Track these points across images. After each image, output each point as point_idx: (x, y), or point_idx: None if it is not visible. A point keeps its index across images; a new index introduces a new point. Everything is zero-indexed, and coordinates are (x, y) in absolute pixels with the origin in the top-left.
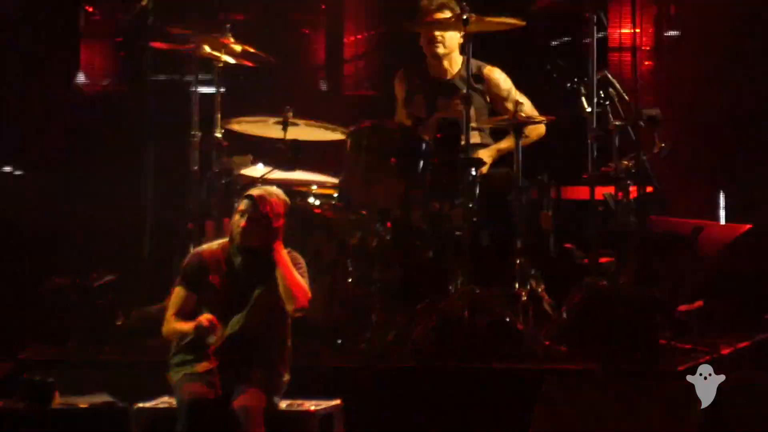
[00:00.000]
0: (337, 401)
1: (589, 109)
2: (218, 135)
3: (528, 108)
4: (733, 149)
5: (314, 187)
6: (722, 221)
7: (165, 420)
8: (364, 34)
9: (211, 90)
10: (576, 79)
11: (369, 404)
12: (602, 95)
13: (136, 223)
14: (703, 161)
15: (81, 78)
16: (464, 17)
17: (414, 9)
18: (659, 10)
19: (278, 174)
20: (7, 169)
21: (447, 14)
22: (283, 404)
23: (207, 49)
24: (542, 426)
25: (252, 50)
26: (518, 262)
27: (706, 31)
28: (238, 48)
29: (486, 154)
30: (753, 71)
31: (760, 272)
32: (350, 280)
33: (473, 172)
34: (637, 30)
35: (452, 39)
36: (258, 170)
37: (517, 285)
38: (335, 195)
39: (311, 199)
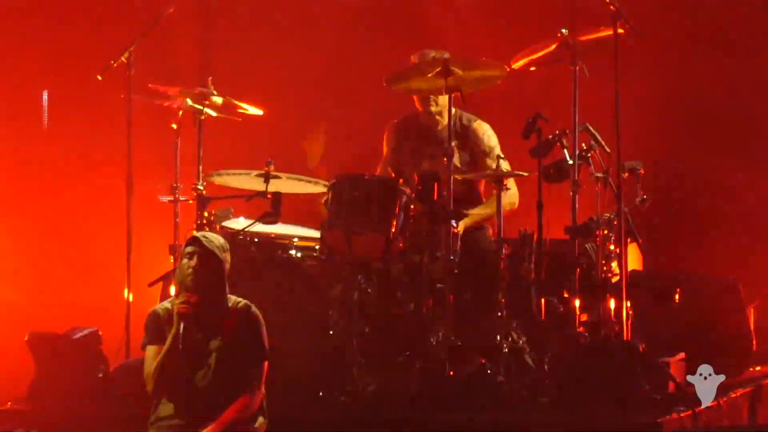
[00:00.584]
0: None
1: (570, 161)
2: (200, 187)
3: (512, 182)
4: (713, 199)
5: (296, 239)
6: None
7: None
8: None
9: None
10: (558, 131)
11: None
12: (584, 146)
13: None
14: (684, 212)
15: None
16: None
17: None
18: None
19: (260, 227)
20: None
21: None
22: None
23: (189, 102)
24: None
25: (235, 103)
26: (499, 314)
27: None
28: (220, 101)
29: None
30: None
31: (741, 324)
32: (331, 332)
33: (454, 224)
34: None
35: (444, 96)
36: (239, 223)
37: (498, 337)
38: (317, 247)
39: (293, 252)
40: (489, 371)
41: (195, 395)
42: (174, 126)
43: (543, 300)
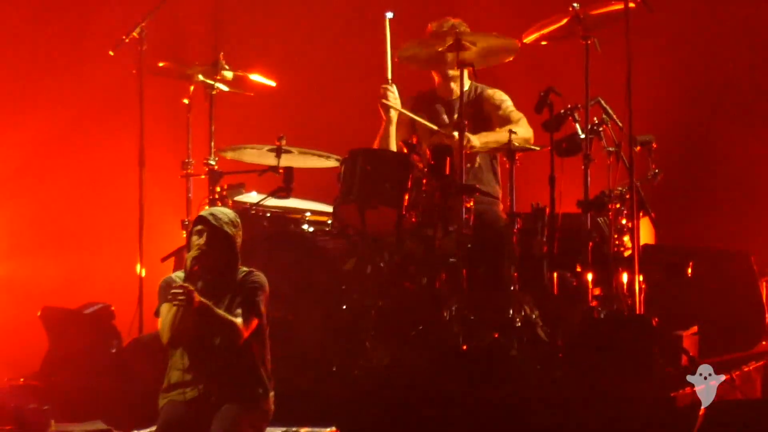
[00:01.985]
0: (333, 427)
1: (582, 135)
2: (212, 162)
3: (524, 123)
4: (726, 173)
5: (308, 214)
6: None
7: None
8: None
9: None
10: (570, 106)
11: (364, 430)
12: (596, 120)
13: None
14: (696, 186)
15: None
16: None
17: None
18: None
19: (272, 201)
20: None
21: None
22: (279, 431)
23: (200, 77)
24: None
25: (246, 78)
26: (512, 288)
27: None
28: (231, 75)
29: (477, 140)
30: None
31: (754, 298)
32: (344, 306)
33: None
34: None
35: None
36: (252, 197)
37: (511, 311)
38: (329, 222)
39: (305, 226)
40: (502, 345)
41: (206, 355)
42: (186, 101)
43: (555, 274)
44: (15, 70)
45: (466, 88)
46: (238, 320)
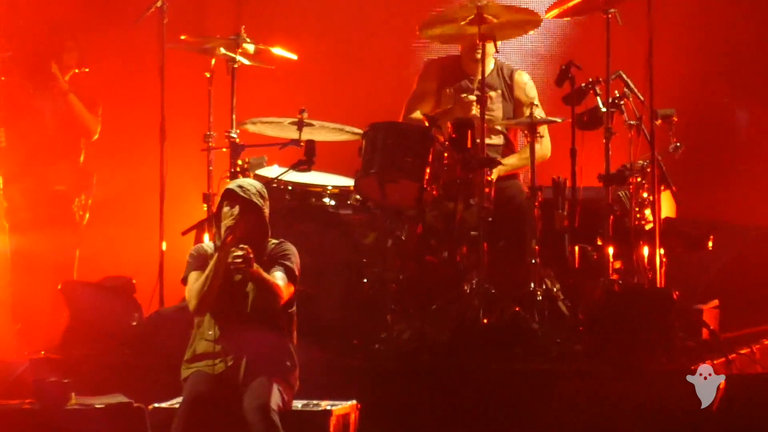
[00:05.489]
0: (353, 401)
1: (603, 109)
2: (234, 135)
3: (546, 139)
4: (747, 146)
5: (329, 187)
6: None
7: None
8: None
9: None
10: (591, 79)
11: (384, 404)
12: (617, 94)
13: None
14: (717, 160)
15: None
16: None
17: None
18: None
19: (294, 175)
20: None
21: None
22: (299, 404)
23: (222, 50)
24: None
25: (268, 51)
26: (533, 261)
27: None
28: (253, 49)
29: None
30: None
31: None
32: (365, 280)
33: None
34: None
35: (490, 44)
36: (273, 171)
37: (532, 285)
38: (350, 195)
39: (326, 200)
40: (523, 319)
41: (235, 326)
42: (207, 74)
43: (577, 247)
44: (36, 44)
45: (491, 65)
46: (281, 284)
